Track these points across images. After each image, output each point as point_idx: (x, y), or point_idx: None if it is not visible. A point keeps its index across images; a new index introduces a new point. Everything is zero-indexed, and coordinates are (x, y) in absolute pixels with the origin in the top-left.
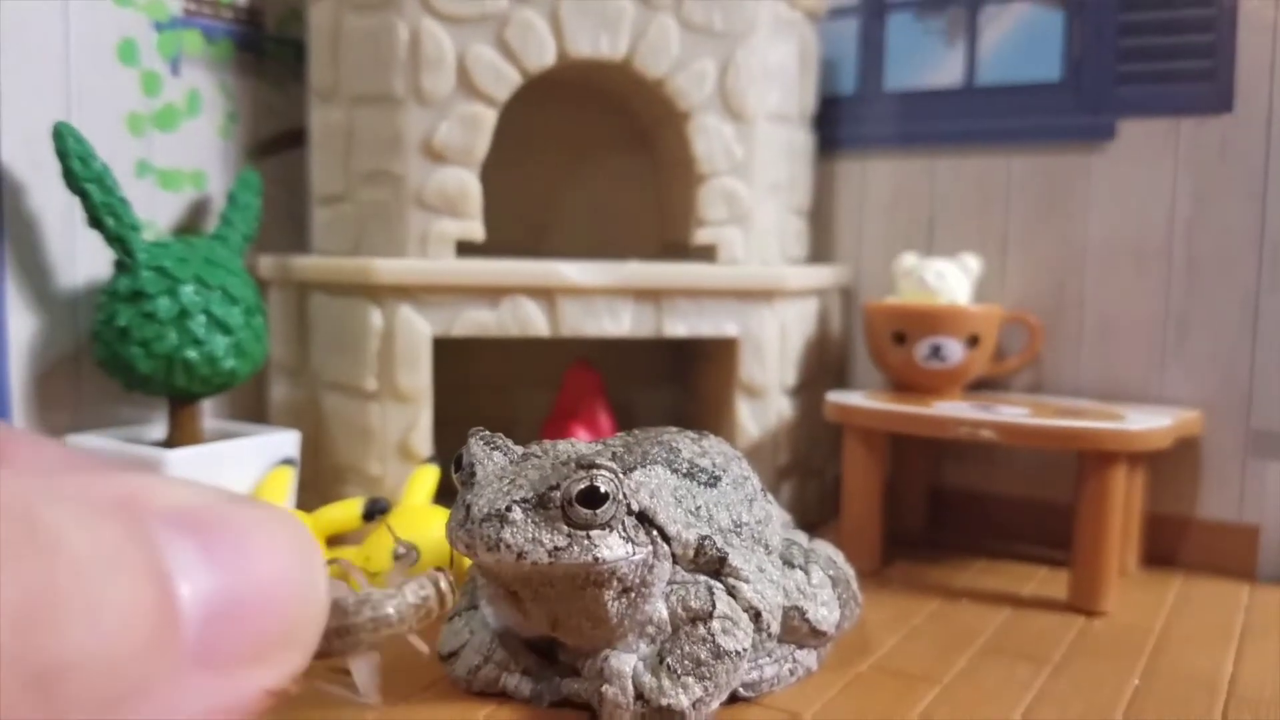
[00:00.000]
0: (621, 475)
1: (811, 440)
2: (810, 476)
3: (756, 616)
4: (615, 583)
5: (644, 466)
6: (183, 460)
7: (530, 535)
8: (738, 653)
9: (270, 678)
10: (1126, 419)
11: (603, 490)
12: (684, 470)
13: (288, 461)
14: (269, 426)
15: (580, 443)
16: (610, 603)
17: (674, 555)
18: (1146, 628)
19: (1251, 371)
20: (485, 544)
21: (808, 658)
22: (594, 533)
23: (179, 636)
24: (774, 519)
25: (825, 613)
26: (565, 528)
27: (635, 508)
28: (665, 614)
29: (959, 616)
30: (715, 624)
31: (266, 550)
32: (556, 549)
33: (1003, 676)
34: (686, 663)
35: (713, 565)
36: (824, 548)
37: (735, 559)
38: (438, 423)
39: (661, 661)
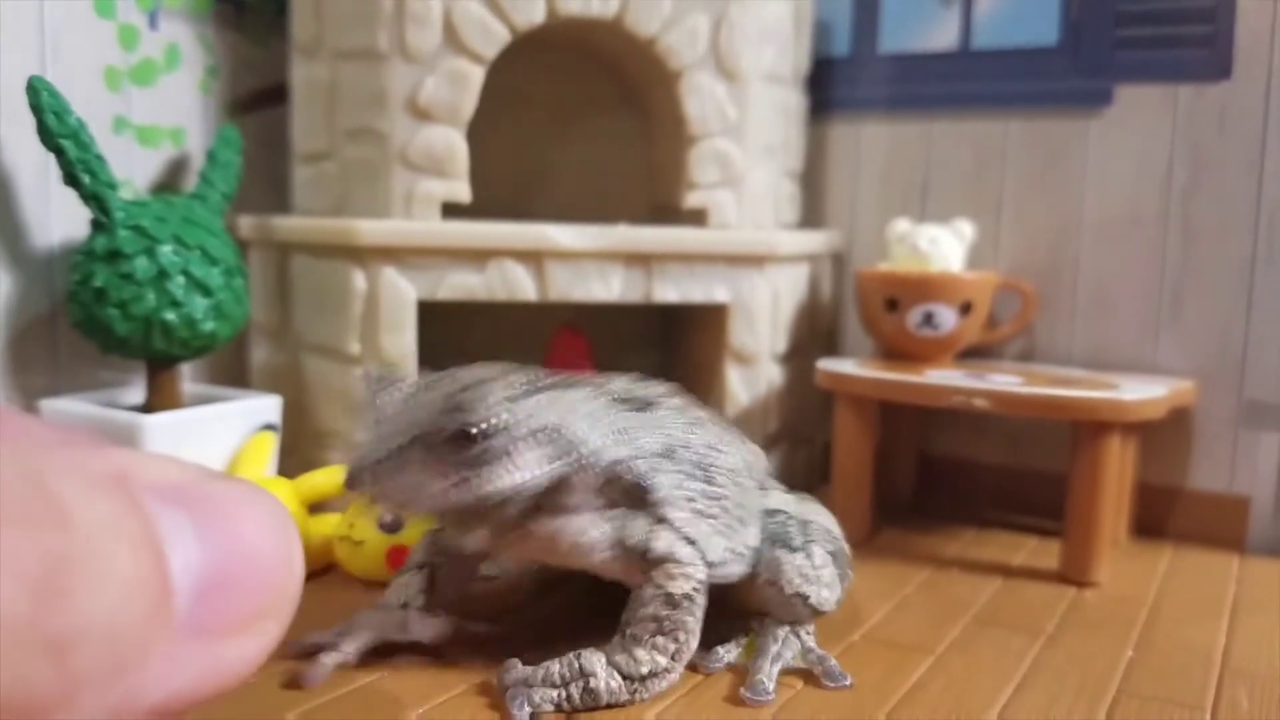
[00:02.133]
0: (510, 404)
1: (801, 407)
2: (800, 444)
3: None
4: (525, 501)
5: (549, 391)
6: (161, 425)
7: (413, 481)
8: (693, 590)
9: (253, 647)
10: (1121, 388)
11: (473, 433)
12: (612, 396)
13: (269, 427)
14: (250, 391)
15: (486, 370)
16: (542, 521)
17: (587, 474)
18: (1139, 599)
19: (1245, 342)
20: (371, 493)
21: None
22: (484, 469)
23: (173, 607)
24: (736, 451)
25: (827, 594)
26: (449, 469)
27: (528, 429)
28: (605, 532)
29: (950, 586)
30: (658, 574)
31: (251, 525)
32: (445, 489)
33: (996, 648)
34: (649, 625)
35: (635, 494)
36: (819, 515)
37: (661, 492)
38: None
39: (625, 635)
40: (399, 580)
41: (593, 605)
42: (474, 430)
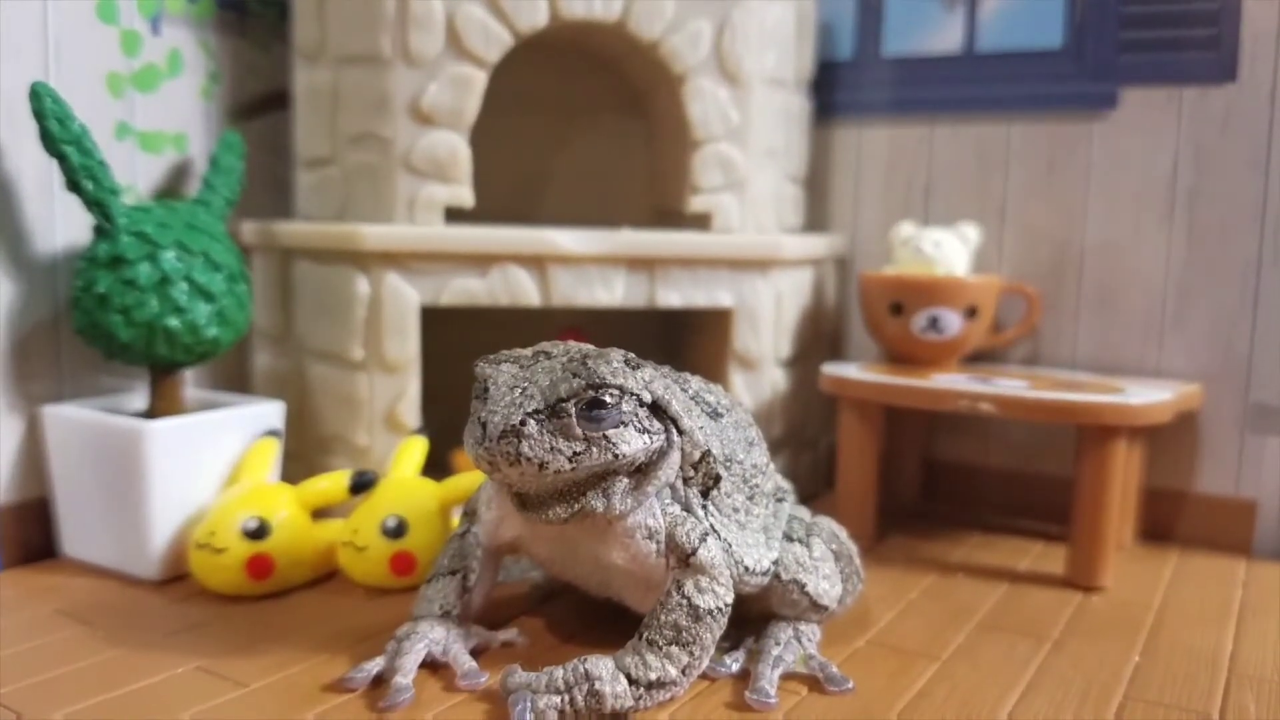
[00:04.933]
0: (629, 371)
1: (805, 412)
2: (804, 449)
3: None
4: (630, 466)
5: (654, 371)
6: (165, 431)
7: (548, 445)
8: (717, 609)
9: None
10: (1127, 392)
11: (609, 402)
12: (689, 394)
13: (272, 433)
14: (253, 397)
15: (589, 346)
16: (620, 492)
17: (683, 450)
18: (1145, 604)
19: (1251, 345)
20: (506, 460)
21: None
22: (610, 432)
23: None
24: (771, 476)
25: (826, 586)
26: (581, 432)
27: (648, 399)
28: (662, 523)
29: (956, 591)
30: (689, 585)
31: None
32: (576, 454)
33: (1002, 653)
34: (667, 632)
35: (707, 482)
36: (826, 523)
37: (726, 486)
38: (426, 394)
39: (641, 637)
40: (433, 587)
41: (598, 616)
42: (612, 392)
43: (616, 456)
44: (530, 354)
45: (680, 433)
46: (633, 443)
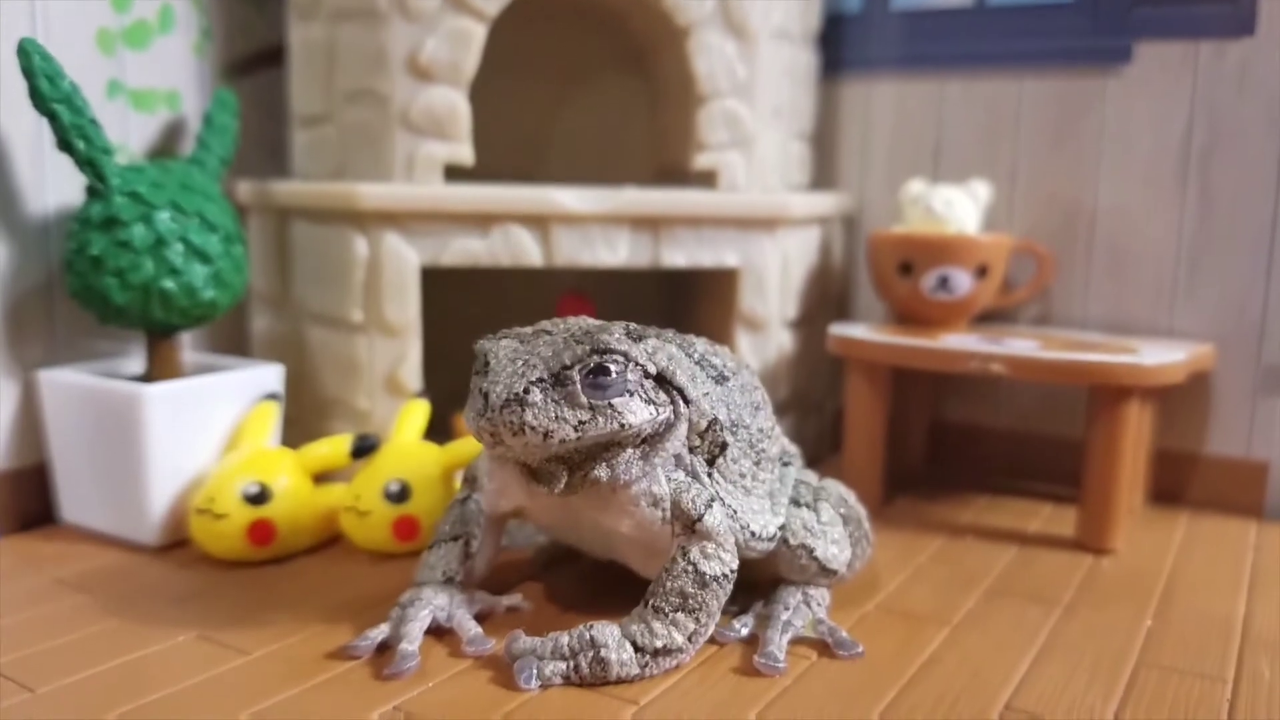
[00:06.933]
0: (633, 343)
1: (812, 374)
2: (810, 411)
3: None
4: (636, 438)
5: (658, 339)
6: (163, 396)
7: (552, 414)
8: (723, 576)
9: None
10: (1140, 353)
11: (614, 369)
12: (695, 358)
13: (272, 396)
14: (251, 360)
15: (590, 320)
16: (627, 462)
17: (690, 420)
18: (1156, 567)
19: (1265, 305)
20: (510, 429)
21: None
22: (616, 401)
23: None
24: (777, 439)
25: (835, 550)
26: (586, 400)
27: (653, 370)
28: (667, 490)
29: (965, 555)
30: (694, 551)
31: None
32: (581, 423)
33: (1012, 618)
34: (673, 599)
35: (713, 450)
36: (834, 486)
37: (733, 452)
38: (427, 357)
39: (647, 605)
40: (435, 553)
41: (603, 582)
42: (616, 358)
43: (623, 426)
44: (530, 331)
45: (687, 403)
46: (639, 413)
